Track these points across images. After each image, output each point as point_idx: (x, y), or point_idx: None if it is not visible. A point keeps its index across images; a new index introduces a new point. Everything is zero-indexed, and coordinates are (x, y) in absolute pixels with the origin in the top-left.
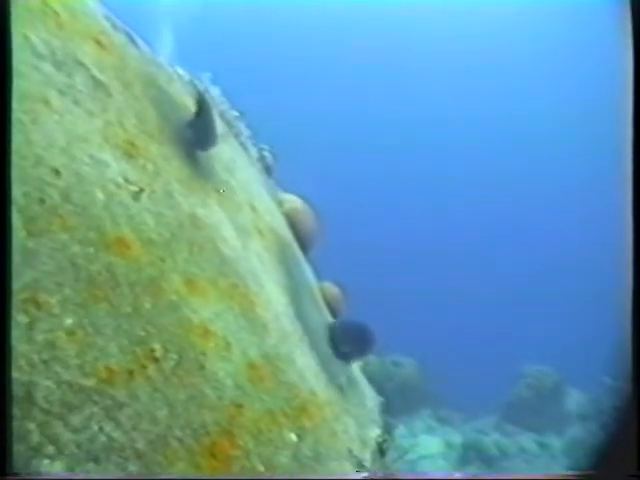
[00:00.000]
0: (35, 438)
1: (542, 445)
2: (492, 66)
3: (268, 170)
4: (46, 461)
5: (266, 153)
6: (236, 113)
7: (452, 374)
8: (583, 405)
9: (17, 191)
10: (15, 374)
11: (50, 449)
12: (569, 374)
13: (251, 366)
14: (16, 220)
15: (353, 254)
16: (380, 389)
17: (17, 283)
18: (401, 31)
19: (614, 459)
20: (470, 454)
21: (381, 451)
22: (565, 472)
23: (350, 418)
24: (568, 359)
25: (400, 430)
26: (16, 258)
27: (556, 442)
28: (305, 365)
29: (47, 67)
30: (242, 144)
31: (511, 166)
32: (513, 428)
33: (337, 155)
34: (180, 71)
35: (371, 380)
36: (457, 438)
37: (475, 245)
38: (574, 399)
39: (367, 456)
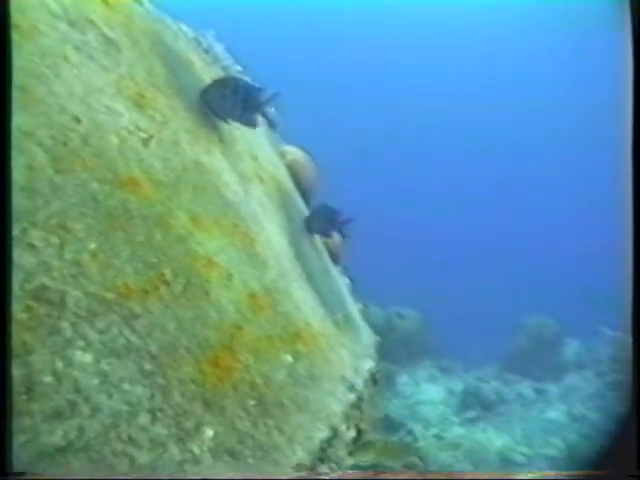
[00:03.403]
0: (68, 333)
1: (539, 391)
2: (491, 65)
3: (272, 123)
4: (78, 352)
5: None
6: (240, 68)
7: (455, 326)
8: (580, 354)
9: (45, 134)
10: (50, 283)
11: (81, 343)
12: (568, 324)
13: (251, 296)
14: (44, 159)
15: (357, 206)
16: (384, 339)
17: (46, 211)
18: (401, 26)
19: (614, 459)
20: (469, 400)
21: (374, 380)
22: (564, 471)
23: (344, 350)
24: (568, 310)
25: (403, 378)
26: (45, 190)
27: (553, 389)
28: (302, 299)
29: (62, 25)
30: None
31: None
32: (512, 376)
33: (344, 110)
34: (184, 28)
35: (375, 330)
36: (458, 385)
37: (478, 199)
38: (572, 348)
39: (360, 382)
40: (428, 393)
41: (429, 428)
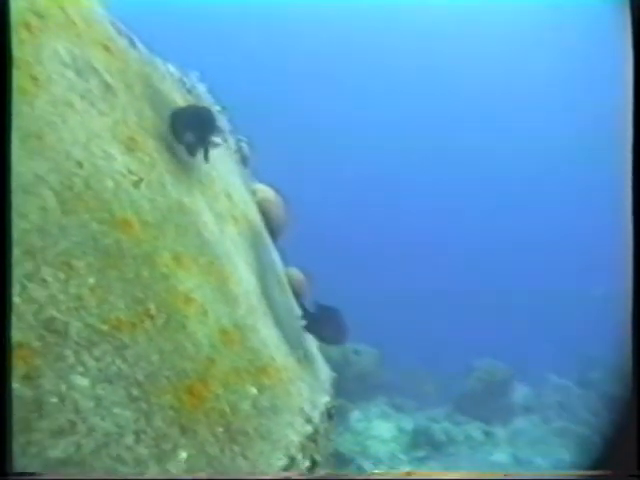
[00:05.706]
0: (71, 360)
1: (487, 434)
2: (490, 67)
3: (244, 160)
4: (78, 376)
5: (243, 144)
6: (219, 108)
7: (411, 364)
8: (528, 398)
9: (54, 179)
10: (57, 314)
11: (81, 369)
12: (517, 369)
13: (223, 331)
14: (54, 202)
15: (323, 244)
16: (340, 374)
17: (56, 249)
18: (392, 30)
19: (614, 459)
20: (420, 439)
21: (329, 415)
22: (564, 472)
23: (304, 384)
24: (517, 355)
25: (356, 414)
26: (54, 230)
27: (501, 431)
28: (267, 336)
29: (70, 74)
30: (223, 137)
31: (506, 169)
32: (463, 418)
33: (317, 149)
34: (171, 69)
35: (331, 366)
36: (409, 424)
37: (437, 242)
38: (520, 392)
39: (317, 415)
40: (379, 430)
41: (378, 465)
